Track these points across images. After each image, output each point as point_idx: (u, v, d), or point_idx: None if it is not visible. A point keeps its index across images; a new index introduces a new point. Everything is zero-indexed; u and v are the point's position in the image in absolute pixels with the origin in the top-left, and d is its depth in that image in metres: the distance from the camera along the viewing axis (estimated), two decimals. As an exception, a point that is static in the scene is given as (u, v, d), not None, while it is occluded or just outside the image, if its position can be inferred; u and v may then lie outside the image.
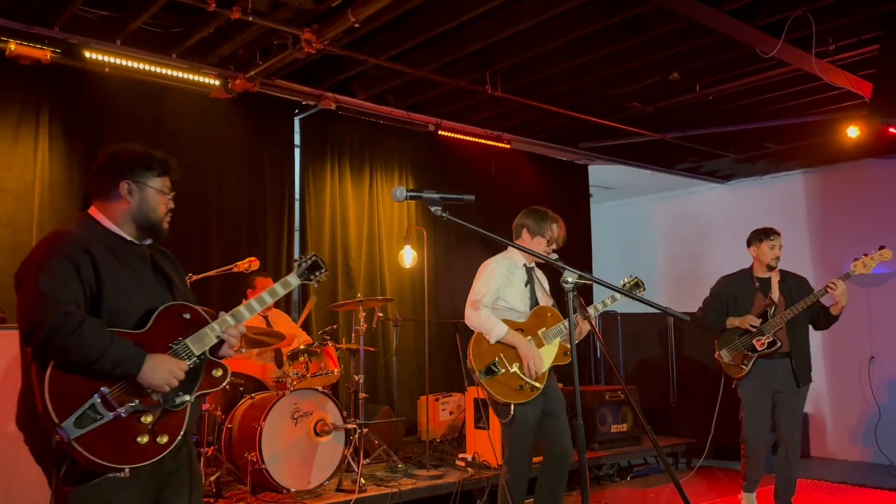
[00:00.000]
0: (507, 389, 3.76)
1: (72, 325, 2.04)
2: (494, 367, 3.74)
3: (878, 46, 4.78)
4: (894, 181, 7.53)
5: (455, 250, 7.17)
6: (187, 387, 2.22)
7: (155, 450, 2.14)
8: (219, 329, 2.31)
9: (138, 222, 2.33)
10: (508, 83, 5.83)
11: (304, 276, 2.67)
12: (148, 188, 2.34)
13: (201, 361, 2.28)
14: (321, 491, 4.48)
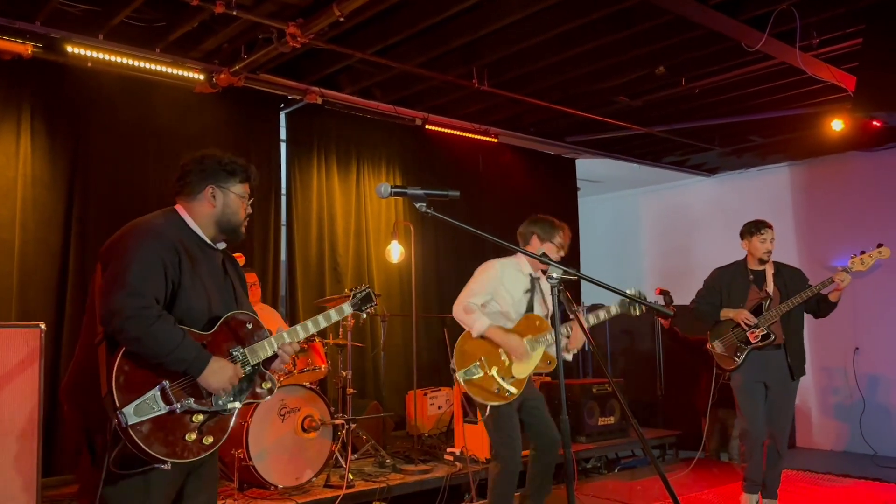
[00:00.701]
0: (484, 392, 3.87)
1: (149, 319, 2.11)
2: (474, 370, 3.87)
3: (861, 40, 4.81)
4: (878, 174, 7.59)
5: (443, 245, 7.18)
6: (238, 394, 2.30)
7: (199, 449, 2.21)
8: (276, 344, 2.40)
9: (220, 225, 2.42)
10: (495, 77, 5.82)
11: (357, 306, 2.78)
12: (231, 193, 2.44)
13: (254, 371, 2.36)
14: (309, 487, 4.48)
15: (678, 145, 7.92)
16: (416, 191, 2.30)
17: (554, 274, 2.38)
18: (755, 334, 4.57)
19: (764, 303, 4.62)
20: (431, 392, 6.37)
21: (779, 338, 4.58)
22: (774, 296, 4.63)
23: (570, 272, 2.40)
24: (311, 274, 6.24)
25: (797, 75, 5.65)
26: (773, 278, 4.71)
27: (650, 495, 5.16)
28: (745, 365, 4.60)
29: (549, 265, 2.39)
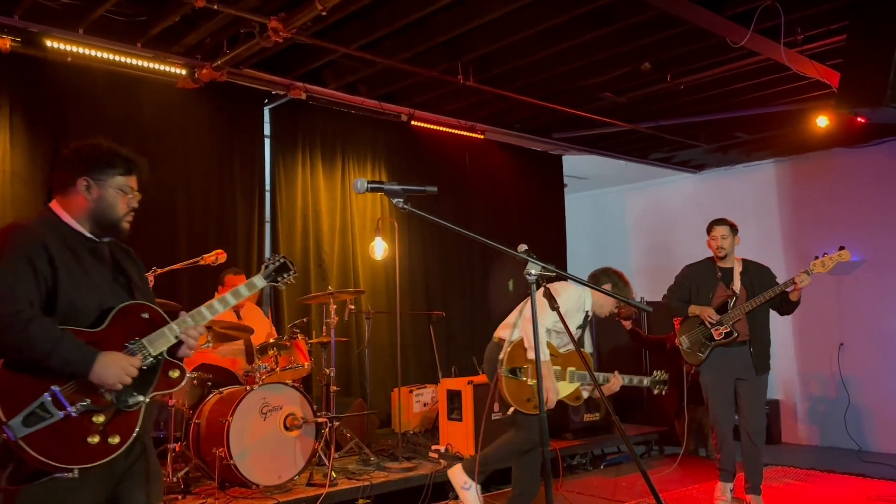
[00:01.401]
0: (518, 395, 4.01)
1: (21, 323, 2.01)
2: (520, 371, 4.01)
3: (844, 36, 4.81)
4: (863, 170, 7.62)
5: (430, 242, 7.15)
6: (142, 387, 2.19)
7: (105, 450, 2.10)
8: (178, 329, 2.28)
9: (96, 220, 2.30)
10: (480, 73, 5.79)
11: (271, 277, 2.64)
12: (107, 186, 2.30)
13: (158, 361, 2.25)
14: (291, 486, 4.45)
15: (664, 142, 7.92)
16: (392, 186, 2.27)
17: (532, 271, 2.35)
18: (719, 331, 4.68)
19: (730, 300, 4.73)
20: (417, 389, 6.34)
21: (743, 335, 4.69)
22: (741, 294, 4.72)
23: (549, 268, 2.38)
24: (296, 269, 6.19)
25: (782, 72, 5.65)
26: (739, 276, 4.79)
27: (634, 491, 5.16)
28: (710, 361, 4.75)
29: (528, 261, 2.36)
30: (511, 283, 4.95)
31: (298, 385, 4.68)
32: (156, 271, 4.25)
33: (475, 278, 7.53)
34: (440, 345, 6.56)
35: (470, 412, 5.36)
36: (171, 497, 4.20)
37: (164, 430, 4.40)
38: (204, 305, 2.38)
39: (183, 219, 5.65)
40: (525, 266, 2.38)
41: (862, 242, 7.48)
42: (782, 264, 8.62)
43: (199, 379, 4.64)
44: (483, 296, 7.57)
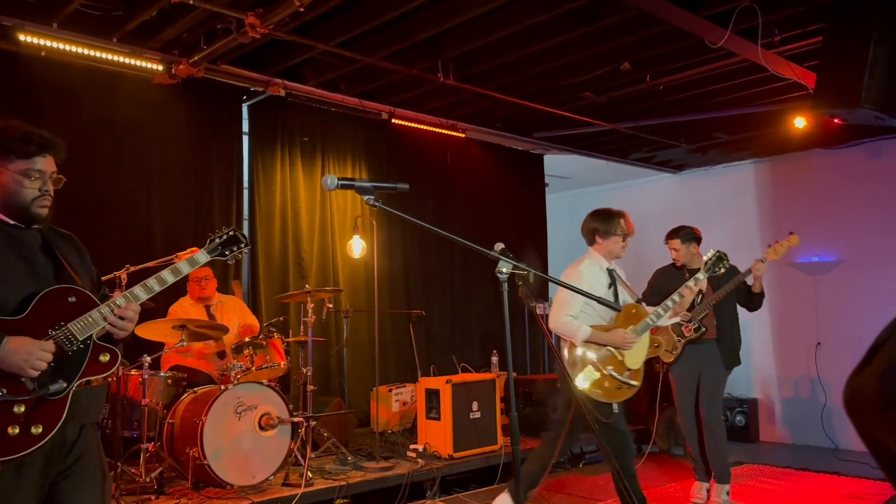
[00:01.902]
0: (607, 391, 3.89)
1: None
2: (590, 373, 3.87)
3: (821, 38, 4.84)
4: (841, 171, 7.68)
5: (410, 240, 7.13)
6: (67, 374, 2.11)
7: (27, 441, 2.01)
8: (107, 311, 2.19)
9: (5, 206, 2.21)
10: (461, 72, 5.77)
11: (217, 251, 2.50)
12: (7, 171, 2.20)
13: (87, 346, 2.16)
14: (266, 486, 4.41)
15: (644, 142, 7.95)
16: (363, 183, 2.25)
17: (503, 269, 2.34)
18: (689, 328, 4.81)
19: (696, 298, 4.76)
20: (396, 388, 6.32)
21: (711, 331, 4.81)
22: (707, 290, 4.77)
23: (521, 267, 2.37)
24: (274, 269, 6.16)
25: (760, 72, 5.68)
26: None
27: (611, 490, 5.16)
28: (682, 359, 4.87)
29: (501, 259, 2.35)
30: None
31: (274, 384, 4.64)
32: (129, 269, 4.19)
33: (456, 277, 7.52)
34: (420, 344, 6.54)
35: (448, 411, 5.35)
36: (145, 497, 4.15)
37: (137, 430, 4.35)
38: (138, 285, 2.30)
39: (158, 216, 5.59)
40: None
41: (839, 242, 7.55)
42: (761, 264, 8.67)
43: (173, 378, 4.59)
44: (464, 294, 7.57)
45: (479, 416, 5.54)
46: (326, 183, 2.25)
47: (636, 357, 3.98)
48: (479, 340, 7.49)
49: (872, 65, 4.29)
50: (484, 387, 5.65)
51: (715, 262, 4.24)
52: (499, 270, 2.33)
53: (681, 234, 5.07)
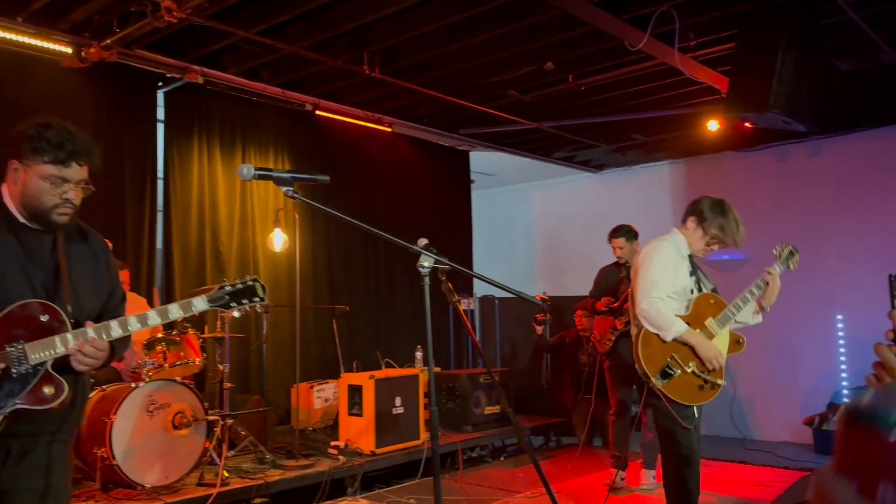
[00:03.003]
0: (689, 391, 3.36)
1: None
2: (670, 370, 3.34)
3: (734, 44, 5.04)
4: (750, 173, 8.04)
5: (334, 234, 7.02)
6: (3, 394, 1.98)
7: None
8: (71, 339, 2.04)
9: (26, 208, 2.11)
10: (387, 65, 5.72)
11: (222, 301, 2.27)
12: (32, 173, 2.10)
13: (35, 372, 2.01)
14: (180, 486, 4.26)
15: (567, 141, 8.10)
16: (281, 174, 2.19)
17: (425, 263, 2.32)
18: (621, 321, 5.03)
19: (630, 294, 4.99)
20: (318, 385, 6.22)
21: None
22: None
23: (443, 261, 2.36)
24: (190, 263, 5.95)
25: (676, 76, 5.87)
26: None
27: (531, 482, 5.24)
28: (616, 349, 5.11)
29: (422, 253, 2.33)
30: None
31: (189, 382, 4.48)
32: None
33: (381, 272, 7.47)
34: (343, 339, 6.46)
35: (371, 407, 5.31)
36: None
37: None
38: (116, 319, 2.14)
39: (66, 206, 5.30)
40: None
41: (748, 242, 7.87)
42: (676, 262, 8.97)
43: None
44: (389, 290, 7.52)
45: (402, 411, 5.52)
46: (242, 173, 2.17)
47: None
48: (403, 336, 7.47)
49: (780, 71, 4.50)
50: (407, 382, 5.63)
51: (788, 256, 3.84)
52: (420, 264, 2.31)
53: (623, 233, 5.32)
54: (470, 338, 8.12)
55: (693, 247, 3.55)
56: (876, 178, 7.20)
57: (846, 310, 7.22)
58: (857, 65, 5.57)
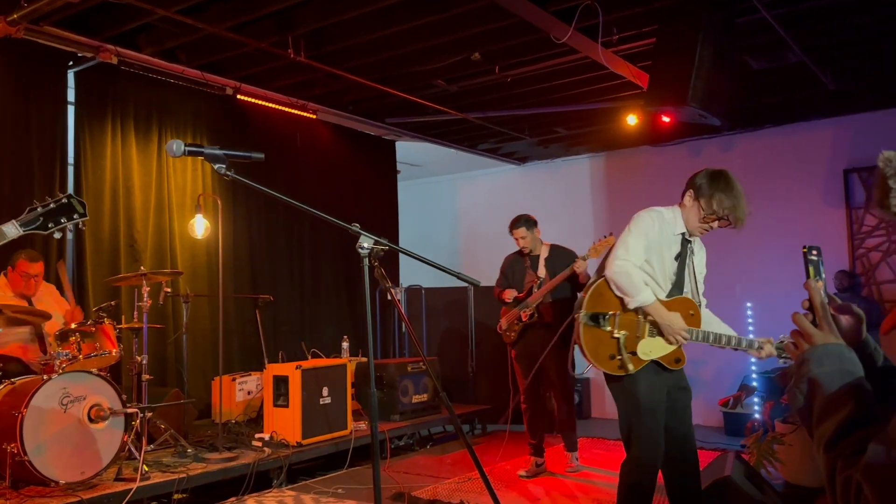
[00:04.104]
0: (596, 351, 3.14)
1: None
2: (602, 320, 3.12)
3: (654, 40, 5.21)
4: (666, 167, 8.34)
5: (256, 222, 6.85)
6: None
7: None
8: None
9: None
10: (312, 49, 5.61)
11: (37, 223, 2.08)
12: None
13: None
14: (97, 481, 4.07)
15: (492, 133, 8.18)
16: (214, 150, 2.12)
17: (364, 244, 2.30)
18: (526, 313, 5.10)
19: (535, 285, 5.07)
20: (241, 377, 6.08)
21: (546, 317, 5.11)
22: (545, 278, 5.07)
23: (383, 242, 2.34)
24: (103, 251, 5.67)
25: (599, 70, 6.03)
26: (544, 262, 5.15)
27: (458, 468, 5.30)
28: (521, 340, 5.17)
29: (361, 234, 2.31)
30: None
31: (105, 374, 4.28)
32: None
33: (305, 260, 7.34)
34: (267, 330, 6.32)
35: (297, 398, 5.22)
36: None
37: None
38: None
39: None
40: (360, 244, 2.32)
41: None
42: (595, 252, 9.23)
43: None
44: (314, 279, 7.40)
45: (329, 401, 5.46)
46: (172, 149, 2.09)
47: (654, 348, 3.16)
48: (329, 326, 7.37)
49: (698, 66, 4.67)
50: (335, 372, 5.57)
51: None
52: (360, 245, 2.29)
53: (524, 223, 5.28)
54: (396, 327, 8.10)
55: (689, 224, 3.23)
56: (782, 172, 7.62)
57: (755, 298, 7.61)
58: (768, 63, 5.87)
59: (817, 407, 1.11)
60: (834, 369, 1.13)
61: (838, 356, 1.15)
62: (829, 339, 1.18)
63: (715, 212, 3.15)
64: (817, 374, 1.13)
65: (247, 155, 2.18)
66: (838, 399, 1.10)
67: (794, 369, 1.19)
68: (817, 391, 1.12)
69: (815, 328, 1.20)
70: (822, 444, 1.08)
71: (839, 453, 1.05)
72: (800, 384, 1.16)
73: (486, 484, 2.67)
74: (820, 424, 1.10)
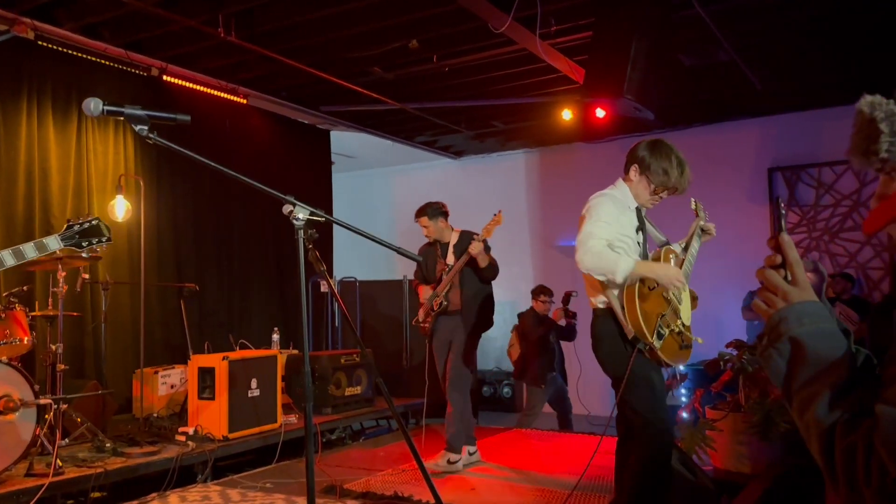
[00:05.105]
0: (675, 352, 3.08)
1: None
2: (662, 329, 3.02)
3: (591, 32, 5.25)
4: (598, 163, 8.43)
5: (182, 206, 6.56)
6: None
7: None
8: None
9: None
10: (244, 29, 5.42)
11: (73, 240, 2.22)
12: None
13: None
14: (5, 477, 3.79)
15: (429, 125, 8.13)
16: (135, 110, 1.98)
17: (300, 215, 2.19)
18: (436, 302, 5.04)
19: (444, 273, 5.06)
20: (164, 370, 5.81)
21: (454, 304, 5.02)
22: (454, 265, 5.03)
23: (319, 213, 2.24)
24: (16, 235, 5.32)
25: (536, 63, 6.05)
26: (453, 249, 5.09)
27: (392, 460, 5.21)
28: (436, 331, 5.07)
29: (295, 205, 2.20)
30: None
31: (16, 363, 4.01)
32: None
33: (234, 248, 7.07)
34: (192, 321, 6.07)
35: (224, 390, 5.02)
36: None
37: None
38: None
39: None
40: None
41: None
42: (527, 247, 9.33)
43: None
44: (243, 268, 7.15)
45: (258, 394, 5.28)
46: (89, 107, 1.96)
47: (686, 311, 3.16)
48: (259, 318, 7.15)
49: (634, 58, 4.74)
50: (265, 363, 5.39)
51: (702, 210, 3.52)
52: (294, 217, 2.17)
53: (428, 212, 5.15)
54: (329, 319, 7.94)
55: (640, 198, 3.20)
56: (710, 171, 7.82)
57: (682, 291, 7.79)
58: (699, 61, 6.00)
59: (802, 369, 1.04)
60: (816, 328, 1.06)
61: (819, 315, 1.08)
62: (805, 297, 1.10)
63: (663, 183, 3.14)
64: (799, 334, 1.06)
65: (171, 116, 2.05)
66: (827, 360, 1.03)
67: (768, 330, 1.10)
68: (800, 352, 1.05)
69: (790, 285, 1.11)
70: (812, 409, 1.00)
71: (836, 418, 0.98)
72: (776, 345, 1.08)
73: (424, 473, 2.60)
74: (808, 387, 1.02)
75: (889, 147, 1.05)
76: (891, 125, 1.04)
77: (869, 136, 1.07)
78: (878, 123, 1.05)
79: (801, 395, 1.03)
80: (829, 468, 0.97)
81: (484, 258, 4.89)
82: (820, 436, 0.98)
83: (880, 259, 7.38)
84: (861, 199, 7.43)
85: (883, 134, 1.05)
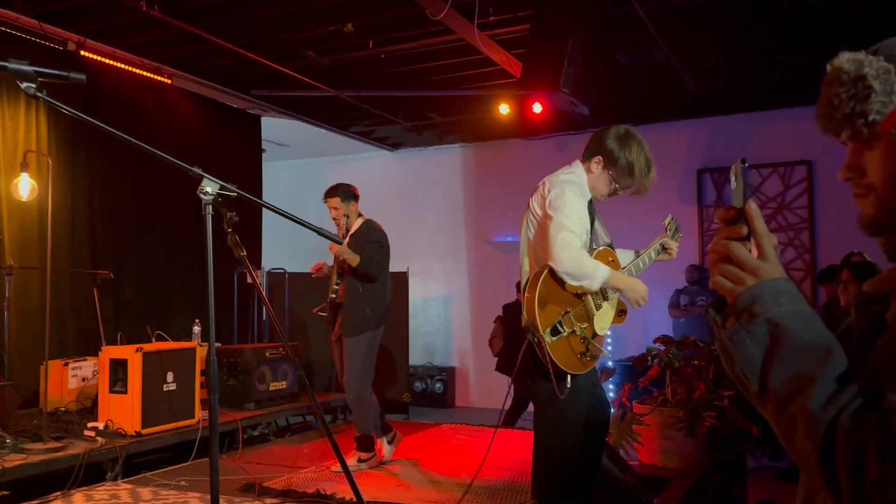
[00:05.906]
0: (571, 357, 2.76)
1: None
2: (560, 326, 2.73)
3: (529, 25, 5.20)
4: (534, 160, 8.46)
5: (99, 186, 6.19)
6: None
7: None
8: None
9: None
10: (169, 4, 5.15)
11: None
12: None
13: None
14: None
15: (365, 115, 7.96)
16: (20, 65, 1.78)
17: (208, 188, 2.02)
18: (330, 291, 4.80)
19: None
20: (74, 362, 5.46)
21: (340, 297, 4.76)
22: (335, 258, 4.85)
23: (230, 188, 2.07)
24: None
25: (474, 54, 5.96)
26: (350, 237, 4.79)
27: (316, 457, 5.04)
28: (333, 322, 4.80)
29: (205, 178, 2.03)
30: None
31: None
32: None
33: (155, 235, 6.73)
34: (107, 311, 5.74)
35: (137, 383, 4.75)
36: None
37: None
38: None
39: None
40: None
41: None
42: (462, 242, 9.27)
43: None
44: (165, 256, 6.81)
45: (174, 388, 5.02)
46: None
47: (604, 320, 2.90)
48: (180, 309, 6.84)
49: (571, 52, 4.70)
50: (182, 356, 5.14)
51: (675, 230, 3.33)
52: (202, 190, 2.00)
53: (339, 192, 4.87)
54: (256, 312, 7.68)
55: (597, 191, 2.92)
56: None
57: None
58: (635, 59, 6.04)
59: (784, 356, 0.89)
60: (795, 309, 0.91)
61: (795, 294, 0.93)
62: (776, 273, 0.94)
63: (627, 184, 2.87)
64: (778, 316, 0.90)
65: (62, 74, 1.86)
66: (814, 346, 0.89)
67: (736, 311, 0.94)
68: (782, 335, 0.90)
69: (758, 260, 0.95)
70: (800, 402, 0.87)
71: (835, 413, 0.84)
72: (750, 328, 0.91)
73: (346, 472, 2.47)
74: (795, 378, 0.88)
75: (881, 108, 0.92)
76: (884, 83, 0.92)
77: (855, 96, 0.93)
78: (870, 80, 0.92)
79: (784, 387, 0.88)
80: (829, 468, 0.84)
81: (353, 258, 4.55)
82: (816, 434, 0.85)
83: (801, 261, 7.61)
84: (785, 201, 7.64)
85: (875, 93, 0.92)
